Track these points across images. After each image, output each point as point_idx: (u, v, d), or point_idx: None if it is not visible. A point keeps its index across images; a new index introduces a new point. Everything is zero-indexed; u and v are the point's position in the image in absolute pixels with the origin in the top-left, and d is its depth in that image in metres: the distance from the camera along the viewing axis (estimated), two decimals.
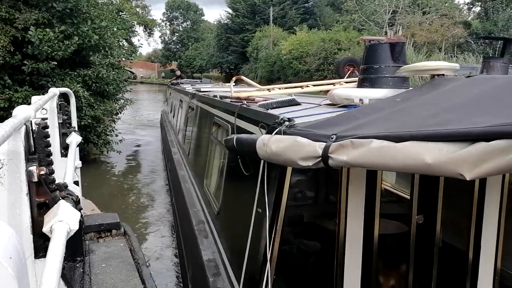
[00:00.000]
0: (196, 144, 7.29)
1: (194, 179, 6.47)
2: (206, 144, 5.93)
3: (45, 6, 10.71)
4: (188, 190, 6.13)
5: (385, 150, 1.64)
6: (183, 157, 8.39)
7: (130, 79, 19.80)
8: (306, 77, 33.11)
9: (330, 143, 1.92)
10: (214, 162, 5.36)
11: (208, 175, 5.47)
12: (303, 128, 2.41)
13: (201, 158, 6.34)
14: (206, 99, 6.68)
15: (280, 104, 3.89)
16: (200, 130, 7.00)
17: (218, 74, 67.08)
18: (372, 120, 2.17)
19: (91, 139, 12.45)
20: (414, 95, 2.58)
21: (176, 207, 7.22)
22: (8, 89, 10.63)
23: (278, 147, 2.24)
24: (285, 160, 2.22)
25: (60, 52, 10.42)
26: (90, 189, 9.02)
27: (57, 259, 1.16)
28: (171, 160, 9.07)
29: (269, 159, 2.44)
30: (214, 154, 5.40)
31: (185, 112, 9.64)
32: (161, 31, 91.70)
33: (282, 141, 2.25)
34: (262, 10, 50.30)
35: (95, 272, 2.91)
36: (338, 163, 1.89)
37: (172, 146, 10.19)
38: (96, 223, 3.58)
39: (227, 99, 5.28)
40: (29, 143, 1.74)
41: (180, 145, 9.57)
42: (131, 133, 19.53)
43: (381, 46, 3.54)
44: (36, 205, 1.70)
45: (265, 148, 2.37)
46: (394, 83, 3.45)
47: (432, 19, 29.82)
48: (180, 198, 6.42)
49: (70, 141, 3.55)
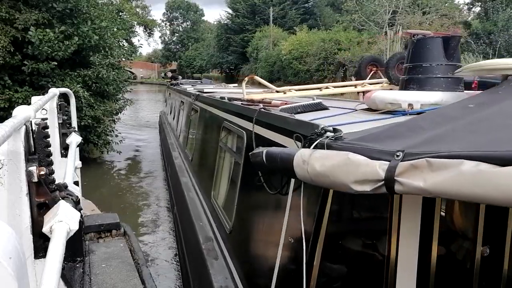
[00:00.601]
0: (200, 149, 6.79)
1: (199, 188, 5.97)
2: (214, 150, 5.44)
3: (45, 6, 10.71)
4: (192, 200, 5.63)
5: (484, 176, 1.24)
6: (185, 162, 7.86)
7: (130, 79, 19.79)
8: (306, 77, 33.16)
9: (397, 162, 1.51)
10: (223, 171, 4.88)
11: (216, 186, 4.97)
12: (353, 141, 1.92)
13: (208, 165, 5.83)
14: (213, 101, 6.13)
15: (305, 108, 3.49)
16: (205, 134, 6.55)
17: (218, 74, 67.12)
18: (446, 132, 1.75)
19: (91, 139, 12.45)
20: (492, 101, 2.10)
21: (178, 218, 6.59)
22: (8, 89, 10.63)
23: (323, 166, 1.81)
24: (333, 183, 1.78)
25: (60, 52, 10.42)
26: (90, 189, 9.02)
27: (57, 259, 1.16)
28: (172, 165, 8.50)
29: (310, 181, 1.93)
30: (223, 162, 4.92)
31: (187, 114, 9.12)
32: (161, 32, 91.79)
33: (329, 158, 1.81)
34: (262, 10, 50.31)
35: (95, 272, 2.91)
36: (410, 190, 1.46)
37: (172, 149, 9.65)
38: (96, 223, 3.58)
39: (237, 101, 4.83)
40: (29, 143, 1.74)
41: (182, 148, 9.04)
42: (130, 133, 19.53)
43: (432, 41, 3.07)
44: (36, 205, 1.70)
45: (306, 167, 1.91)
46: (448, 85, 2.99)
47: (432, 19, 29.80)
48: (183, 209, 5.88)
49: (70, 141, 3.55)
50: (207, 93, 7.80)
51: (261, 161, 2.40)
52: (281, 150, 2.34)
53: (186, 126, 9.00)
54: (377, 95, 3.13)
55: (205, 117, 6.70)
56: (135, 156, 15.75)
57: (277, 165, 2.27)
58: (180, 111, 11.00)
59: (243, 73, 47.88)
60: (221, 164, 4.97)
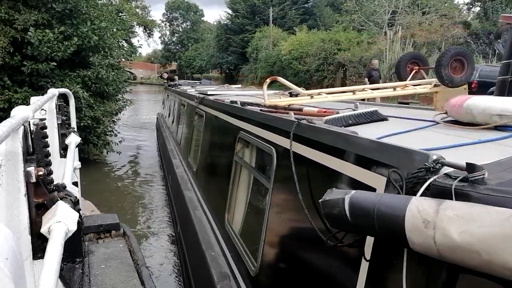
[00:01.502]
0: (208, 161, 5.96)
1: (207, 206, 5.10)
2: (226, 164, 4.59)
3: (44, 7, 10.71)
4: (199, 221, 4.78)
5: None
6: (188, 173, 6.90)
7: (130, 80, 19.77)
8: (305, 77, 33.14)
9: None
10: (241, 192, 4.06)
11: (231, 209, 4.11)
12: (507, 185, 1.23)
13: (218, 181, 4.97)
14: (223, 107, 5.28)
15: (358, 118, 2.82)
16: (214, 144, 5.81)
17: (218, 74, 67.11)
18: None
19: (91, 140, 12.45)
20: None
21: (183, 240, 5.68)
22: (8, 90, 10.63)
23: (468, 234, 1.08)
24: (487, 265, 1.05)
25: (59, 53, 10.42)
26: (90, 190, 9.02)
27: (55, 260, 1.15)
28: (173, 174, 7.55)
29: (438, 256, 1.18)
30: (240, 181, 4.08)
31: (189, 118, 8.24)
32: (161, 32, 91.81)
33: (476, 219, 1.09)
34: (261, 11, 50.29)
35: (94, 273, 2.90)
36: None
37: (173, 156, 8.82)
38: (96, 224, 3.57)
39: (255, 107, 4.10)
40: (27, 143, 1.74)
41: (183, 156, 8.19)
42: (130, 134, 19.53)
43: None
44: (34, 206, 1.70)
45: (431, 232, 1.16)
46: None
47: (432, 19, 29.81)
48: (189, 231, 4.99)
49: (69, 141, 3.54)
50: (212, 95, 7.05)
51: (341, 215, 1.48)
52: (378, 198, 1.40)
53: (189, 132, 8.10)
54: (473, 104, 2.37)
55: (213, 124, 5.87)
56: (135, 157, 15.75)
57: (371, 223, 1.37)
58: (180, 115, 10.16)
59: (243, 74, 47.86)
60: (237, 183, 4.11)
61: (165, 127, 13.83)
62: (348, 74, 28.92)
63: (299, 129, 2.58)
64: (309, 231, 1.99)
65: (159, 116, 17.91)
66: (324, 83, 31.33)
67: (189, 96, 8.99)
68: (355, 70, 28.32)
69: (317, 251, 2.23)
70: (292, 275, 2.56)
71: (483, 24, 28.88)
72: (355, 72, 28.32)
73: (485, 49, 25.91)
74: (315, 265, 2.31)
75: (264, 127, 3.41)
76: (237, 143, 4.18)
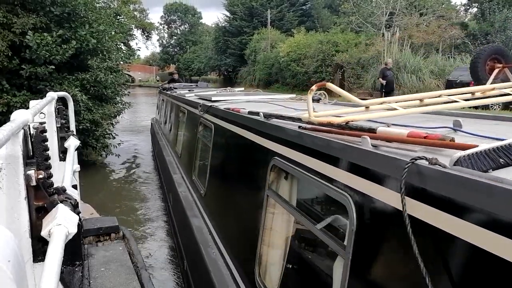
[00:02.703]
0: (221, 187, 4.96)
1: (223, 244, 4.04)
2: (252, 196, 3.51)
3: (42, 10, 10.72)
4: (214, 264, 3.80)
5: None
6: (194, 195, 5.84)
7: (129, 83, 19.75)
8: (304, 79, 33.19)
9: None
10: (278, 241, 3.07)
11: (263, 262, 3.10)
12: None
13: (241, 219, 3.88)
14: (243, 121, 4.09)
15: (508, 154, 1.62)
16: (230, 167, 4.78)
17: (216, 76, 67.21)
18: None
19: (90, 142, 12.45)
20: None
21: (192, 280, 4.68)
22: (6, 93, 10.62)
23: None
24: None
25: (58, 56, 10.42)
26: (89, 193, 9.02)
27: (55, 263, 1.16)
28: (176, 195, 6.48)
29: None
30: (278, 226, 3.06)
31: (191, 129, 7.24)
32: (159, 34, 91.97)
33: None
34: (259, 13, 50.36)
35: (94, 276, 2.90)
36: None
37: (173, 171, 7.67)
38: (95, 227, 3.58)
39: (288, 121, 3.10)
40: (27, 147, 1.75)
41: (185, 171, 7.09)
42: (129, 138, 19.52)
43: None
44: (34, 209, 1.71)
45: None
46: None
47: (429, 20, 29.91)
48: (202, 278, 3.99)
49: (68, 145, 3.55)
50: (217, 101, 6.10)
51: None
52: None
53: (192, 144, 6.91)
54: None
55: (227, 141, 4.91)
56: (134, 160, 15.74)
57: None
58: (179, 123, 9.07)
59: (241, 76, 47.90)
60: (270, 225, 3.07)
61: (161, 135, 12.77)
62: (346, 75, 28.99)
63: (417, 177, 1.54)
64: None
65: (153, 122, 16.72)
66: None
67: (189, 103, 8.01)
68: (353, 72, 28.40)
69: None
70: None
71: (481, 25, 28.98)
72: (353, 74, 28.40)
73: None
74: None
75: (327, 159, 2.27)
76: (269, 172, 3.09)
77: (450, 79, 19.79)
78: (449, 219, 1.38)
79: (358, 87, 26.88)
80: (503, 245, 1.20)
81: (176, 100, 10.46)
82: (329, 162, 2.24)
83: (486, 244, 1.25)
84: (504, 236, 1.19)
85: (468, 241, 1.30)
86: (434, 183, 1.48)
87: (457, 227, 1.35)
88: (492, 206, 1.25)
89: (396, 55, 24.18)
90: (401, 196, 1.49)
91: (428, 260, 1.40)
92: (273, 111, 3.84)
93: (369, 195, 1.84)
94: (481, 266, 1.29)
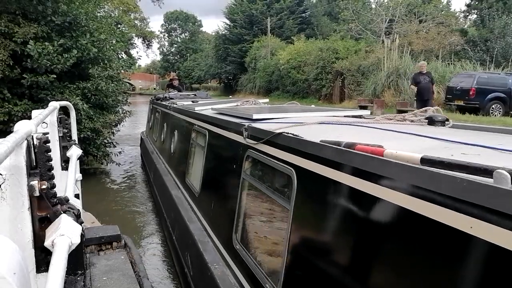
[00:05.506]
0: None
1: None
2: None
3: (44, 20, 10.78)
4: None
5: None
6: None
7: (129, 91, 19.79)
8: (304, 86, 33.28)
9: None
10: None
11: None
12: None
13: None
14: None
15: None
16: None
17: (217, 84, 67.37)
18: None
19: (91, 151, 12.46)
20: None
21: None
22: (8, 102, 10.65)
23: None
24: None
25: (59, 65, 10.47)
26: (90, 201, 9.01)
27: (59, 274, 1.16)
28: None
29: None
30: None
31: (231, 170, 4.41)
32: (160, 43, 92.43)
33: None
34: (259, 21, 50.61)
35: (96, 285, 2.89)
36: None
37: (186, 214, 5.55)
38: (97, 236, 3.56)
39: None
40: (30, 157, 1.75)
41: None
42: (130, 147, 19.54)
43: None
44: (37, 220, 1.71)
45: None
46: None
47: (429, 27, 30.04)
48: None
49: (71, 154, 3.55)
50: (270, 123, 3.91)
51: None
52: None
53: (233, 200, 4.09)
54: None
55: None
56: (135, 168, 15.73)
57: None
58: (195, 152, 6.47)
59: (242, 83, 48.02)
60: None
61: (155, 153, 10.85)
62: (347, 82, 29.06)
63: None
64: None
65: (143, 137, 14.69)
66: (323, 92, 31.46)
67: (217, 122, 5.21)
68: (354, 79, 28.47)
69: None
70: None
71: (480, 31, 29.09)
72: (354, 81, 28.47)
73: (482, 56, 26.07)
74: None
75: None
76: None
77: (450, 85, 19.82)
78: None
79: (358, 94, 26.93)
80: None
81: (179, 113, 8.22)
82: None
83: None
84: None
85: None
86: None
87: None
88: None
89: (396, 62, 24.26)
90: None
91: None
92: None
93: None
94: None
